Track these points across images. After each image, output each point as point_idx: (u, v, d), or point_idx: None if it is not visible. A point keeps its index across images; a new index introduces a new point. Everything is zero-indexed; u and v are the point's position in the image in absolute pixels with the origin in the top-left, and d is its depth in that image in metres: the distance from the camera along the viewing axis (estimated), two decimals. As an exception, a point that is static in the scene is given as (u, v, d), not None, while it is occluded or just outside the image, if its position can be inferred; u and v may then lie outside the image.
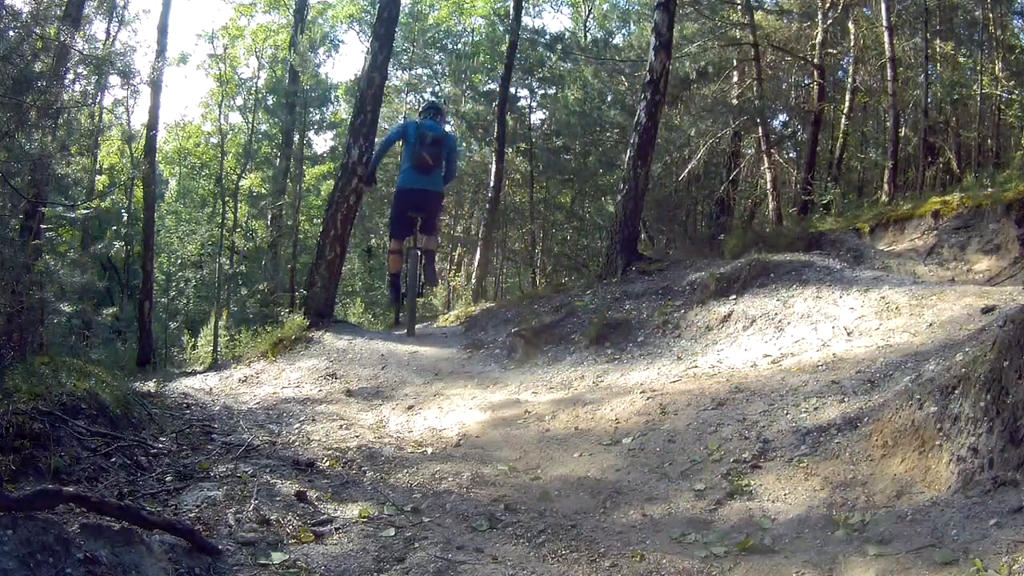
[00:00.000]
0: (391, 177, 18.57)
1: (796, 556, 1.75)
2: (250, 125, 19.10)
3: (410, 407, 3.67)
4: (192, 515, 1.93)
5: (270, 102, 20.13)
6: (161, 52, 11.30)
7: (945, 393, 2.12)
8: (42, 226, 6.25)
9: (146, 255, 11.86)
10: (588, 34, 17.59)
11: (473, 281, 12.65)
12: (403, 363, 4.60)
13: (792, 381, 3.18)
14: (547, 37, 14.09)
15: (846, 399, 2.83)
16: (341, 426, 3.28)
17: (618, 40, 16.91)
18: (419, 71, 19.51)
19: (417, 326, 5.75)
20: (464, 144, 15.74)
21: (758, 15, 12.08)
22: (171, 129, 21.04)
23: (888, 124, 11.68)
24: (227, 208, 18.48)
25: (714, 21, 12.15)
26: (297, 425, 3.37)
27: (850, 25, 12.31)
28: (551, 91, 15.66)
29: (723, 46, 12.38)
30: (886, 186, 10.57)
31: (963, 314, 3.72)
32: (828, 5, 11.61)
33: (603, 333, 4.74)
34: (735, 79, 13.23)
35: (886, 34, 10.61)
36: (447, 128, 8.79)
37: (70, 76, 5.97)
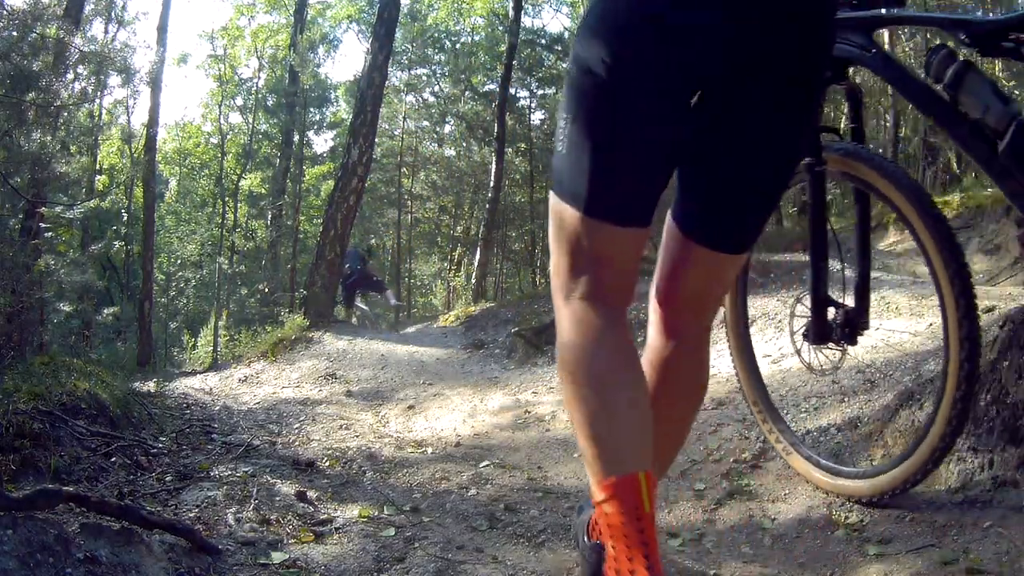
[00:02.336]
0: (391, 177, 18.59)
1: (796, 556, 1.76)
2: (250, 125, 19.09)
3: (410, 407, 3.67)
4: (192, 515, 1.93)
5: (270, 102, 20.12)
6: (161, 51, 11.31)
7: (945, 393, 2.12)
8: (42, 226, 6.26)
9: (146, 255, 11.87)
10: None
11: (473, 281, 12.66)
12: (403, 363, 4.61)
13: (792, 381, 3.18)
14: (546, 37, 14.09)
15: (846, 399, 2.83)
16: (341, 426, 3.28)
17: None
18: (419, 71, 19.51)
19: (418, 326, 5.77)
20: (464, 144, 15.73)
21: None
22: (171, 129, 21.05)
23: (888, 124, 11.68)
24: (227, 208, 18.46)
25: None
26: (297, 425, 3.37)
27: (850, 25, 12.29)
28: (551, 91, 15.67)
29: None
30: (886, 186, 10.57)
31: (963, 314, 3.71)
32: (828, 5, 11.60)
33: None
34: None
35: (886, 34, 10.61)
36: None
37: (70, 75, 5.98)
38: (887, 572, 1.57)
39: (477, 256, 12.79)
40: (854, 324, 1.84)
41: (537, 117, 15.90)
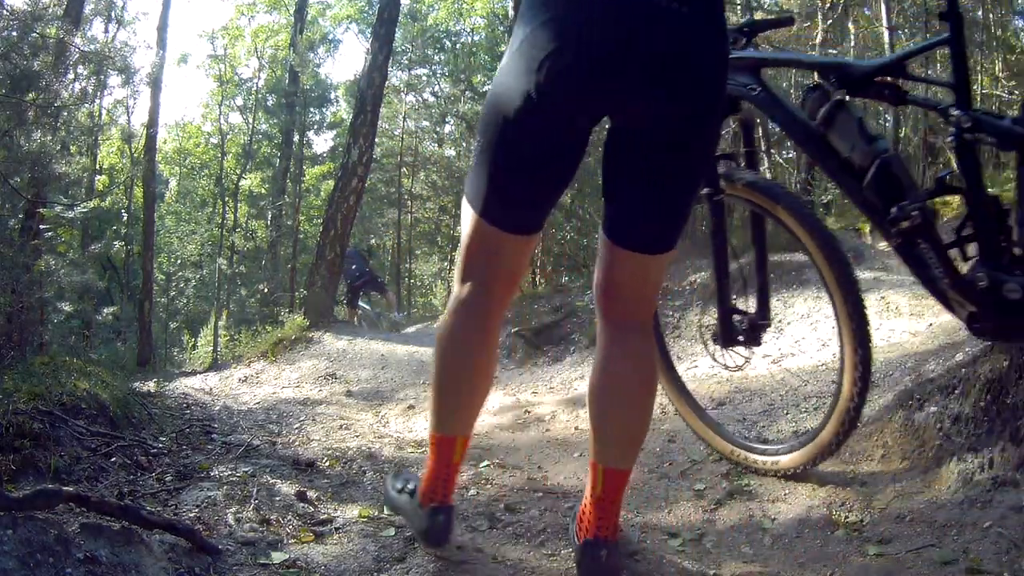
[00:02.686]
0: (391, 177, 18.59)
1: (796, 556, 1.76)
2: (250, 125, 19.08)
3: (410, 407, 3.67)
4: (192, 515, 1.93)
5: (270, 102, 20.12)
6: (161, 51, 11.31)
7: (945, 393, 2.12)
8: (42, 226, 6.26)
9: (146, 255, 11.87)
10: (588, 34, 17.59)
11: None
12: (403, 363, 4.61)
13: (792, 381, 3.18)
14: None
15: (846, 399, 2.83)
16: (341, 426, 3.28)
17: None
18: (419, 71, 19.50)
19: (418, 326, 5.77)
20: (464, 144, 15.72)
21: (758, 15, 12.08)
22: (171, 129, 21.05)
23: (888, 124, 11.68)
24: (227, 208, 18.46)
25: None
26: (297, 425, 3.37)
27: (850, 25, 12.30)
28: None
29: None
30: (886, 186, 10.57)
31: (963, 314, 3.72)
32: (828, 5, 11.60)
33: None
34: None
35: (886, 34, 10.61)
36: None
37: (70, 75, 5.98)
38: (887, 572, 1.57)
39: (477, 256, 12.79)
40: (757, 327, 2.05)
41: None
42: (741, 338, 2.07)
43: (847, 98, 1.63)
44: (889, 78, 1.56)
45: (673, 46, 1.25)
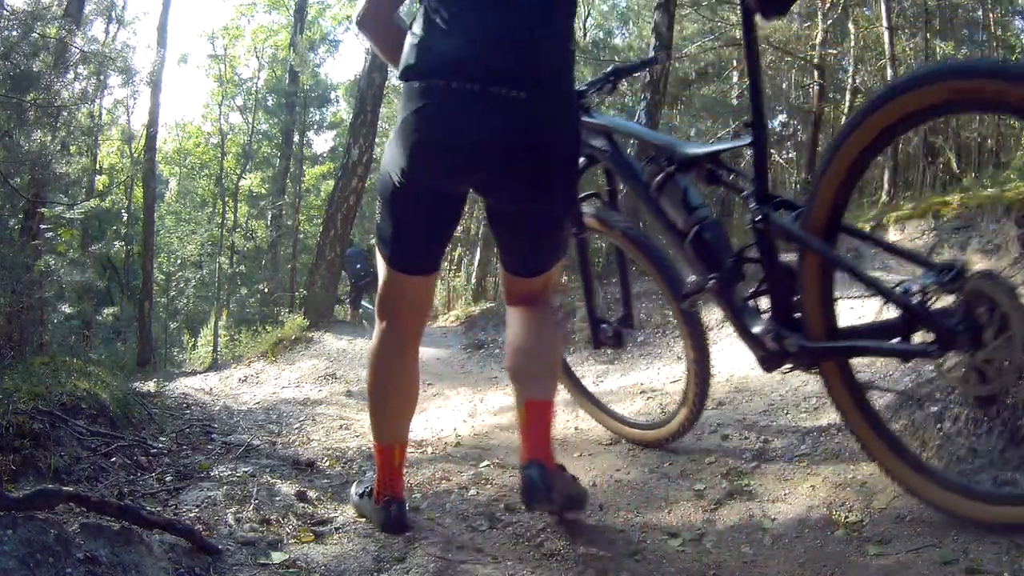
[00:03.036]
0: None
1: (796, 556, 1.76)
2: (250, 125, 19.07)
3: (410, 407, 3.67)
4: (192, 515, 1.93)
5: (270, 102, 20.10)
6: (161, 51, 11.30)
7: (945, 393, 2.12)
8: (42, 226, 6.26)
9: (146, 255, 11.87)
10: (588, 34, 17.56)
11: (473, 281, 12.65)
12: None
13: (792, 381, 3.18)
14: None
15: (846, 399, 2.83)
16: (341, 426, 3.28)
17: (618, 40, 16.90)
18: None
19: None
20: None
21: (758, 15, 12.08)
22: (171, 129, 21.04)
23: (888, 124, 11.67)
24: (227, 208, 18.45)
25: (714, 21, 12.15)
26: (297, 425, 3.37)
27: (850, 25, 12.29)
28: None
29: (723, 46, 12.37)
30: (886, 186, 10.58)
31: (963, 314, 3.71)
32: (828, 5, 11.59)
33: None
34: (735, 79, 13.23)
35: (886, 34, 10.61)
36: None
37: (70, 75, 5.98)
38: (887, 572, 1.57)
39: (477, 256, 12.79)
40: (620, 333, 2.48)
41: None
42: (609, 341, 2.53)
43: (675, 171, 1.94)
44: (707, 164, 1.88)
45: (529, 136, 1.52)
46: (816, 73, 11.94)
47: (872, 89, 12.73)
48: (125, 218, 16.56)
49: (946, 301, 1.41)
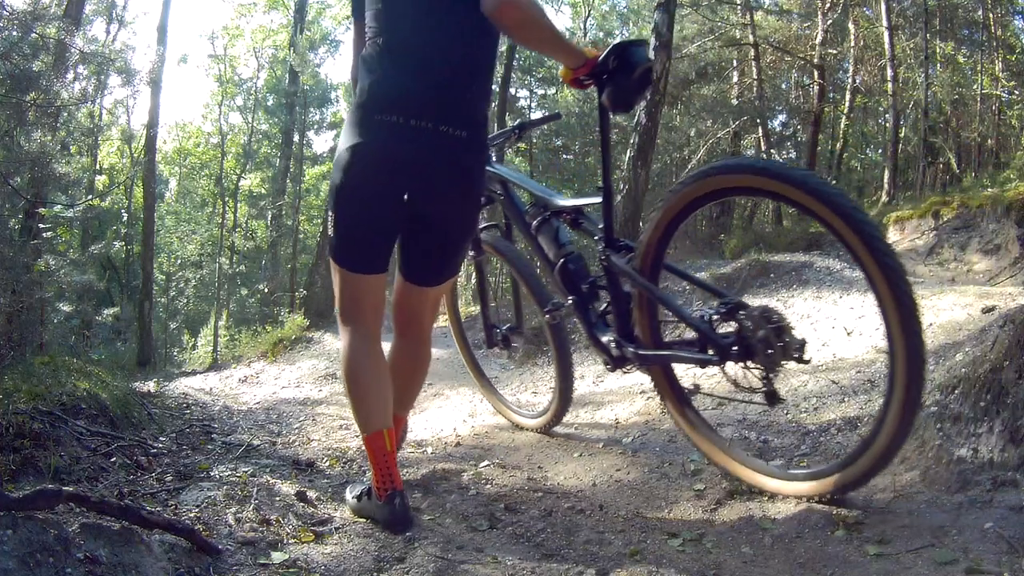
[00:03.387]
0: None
1: (796, 556, 1.75)
2: (250, 125, 19.06)
3: (410, 407, 3.67)
4: (192, 515, 1.93)
5: (270, 102, 20.10)
6: (161, 52, 11.31)
7: (945, 393, 2.12)
8: (41, 226, 6.26)
9: (146, 255, 11.86)
10: (588, 34, 17.56)
11: (473, 281, 12.64)
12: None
13: (792, 381, 3.18)
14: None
15: (846, 399, 2.84)
16: (341, 426, 3.28)
17: (618, 40, 16.89)
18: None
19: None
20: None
21: (758, 15, 12.08)
22: (171, 129, 21.03)
23: (888, 124, 11.67)
24: (227, 208, 18.45)
25: (714, 21, 12.14)
26: (297, 425, 3.37)
27: (850, 25, 12.29)
28: (551, 91, 15.66)
29: (723, 46, 12.37)
30: (886, 186, 10.57)
31: (963, 314, 3.72)
32: (828, 5, 11.59)
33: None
34: (735, 79, 13.22)
35: (886, 34, 10.61)
36: None
37: (70, 75, 5.97)
38: (887, 572, 1.57)
39: (477, 256, 12.78)
40: (508, 338, 2.98)
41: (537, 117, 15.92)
42: (501, 342, 3.00)
43: (549, 216, 2.46)
44: (571, 213, 2.39)
45: (463, 163, 1.91)
46: (816, 73, 11.94)
47: (872, 89, 12.73)
48: (125, 218, 16.55)
49: (728, 326, 1.90)
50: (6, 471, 1.97)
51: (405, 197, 1.91)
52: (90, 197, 10.97)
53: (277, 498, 2.16)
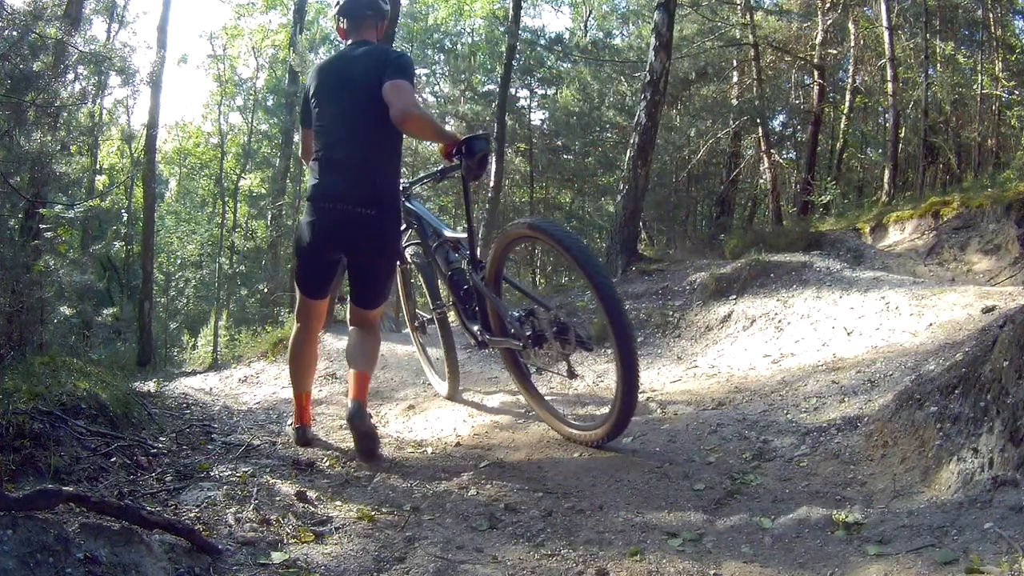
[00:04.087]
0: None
1: (796, 556, 1.75)
2: (250, 125, 19.06)
3: (410, 407, 3.67)
4: (192, 515, 1.93)
5: (270, 102, 20.09)
6: (161, 51, 11.30)
7: (945, 393, 2.12)
8: (41, 226, 6.25)
9: (146, 255, 11.86)
10: (588, 34, 17.55)
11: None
12: (403, 363, 4.60)
13: (792, 381, 3.18)
14: (547, 38, 14.06)
15: (846, 399, 2.84)
16: (341, 426, 3.28)
17: (618, 40, 16.89)
18: (419, 71, 19.46)
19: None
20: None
21: (758, 15, 12.08)
22: (171, 129, 21.02)
23: (888, 124, 11.67)
24: (227, 208, 18.45)
25: (714, 21, 12.14)
26: (297, 425, 3.36)
27: (850, 25, 12.29)
28: (551, 91, 15.65)
29: (723, 46, 12.36)
30: (886, 186, 10.58)
31: (963, 314, 3.72)
32: (828, 5, 11.59)
33: (603, 333, 4.74)
34: (735, 79, 13.22)
35: (886, 34, 10.61)
36: None
37: (70, 75, 5.97)
38: (887, 572, 1.57)
39: (477, 256, 12.76)
40: (424, 326, 3.84)
41: (537, 117, 15.88)
42: (419, 328, 3.92)
43: (442, 242, 3.25)
44: (453, 240, 3.20)
45: (368, 231, 2.72)
46: (816, 73, 11.94)
47: (872, 89, 12.73)
48: (125, 218, 16.54)
49: (534, 322, 2.78)
50: (6, 471, 1.97)
51: (342, 255, 2.85)
52: (91, 198, 10.96)
53: (277, 498, 2.16)
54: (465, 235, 3.15)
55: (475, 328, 3.10)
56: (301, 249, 2.82)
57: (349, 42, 2.89)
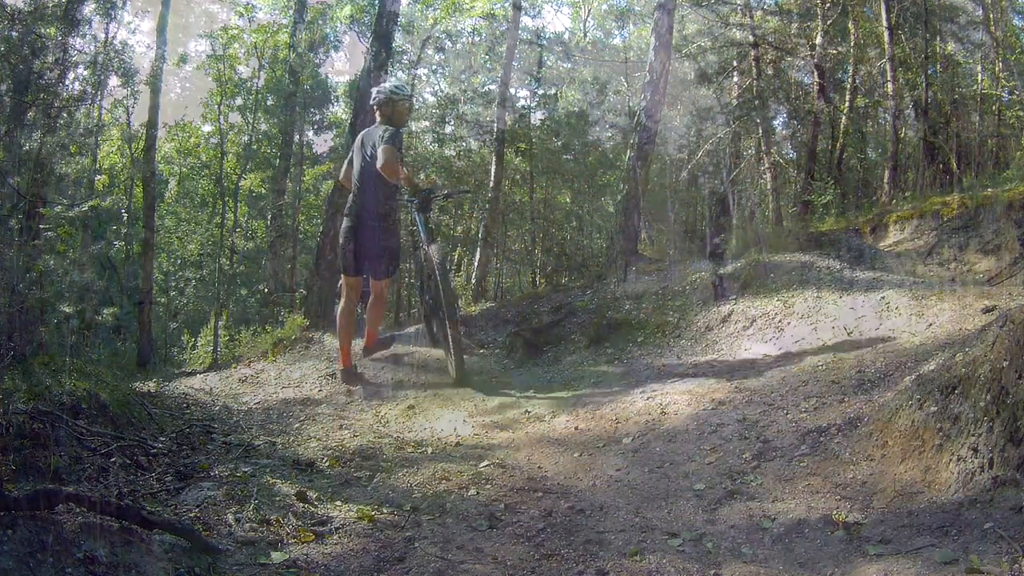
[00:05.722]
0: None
1: (796, 556, 1.75)
2: (250, 125, 19.05)
3: (410, 407, 3.67)
4: (192, 515, 1.93)
5: (270, 102, 20.06)
6: (160, 52, 11.29)
7: (945, 393, 2.12)
8: (41, 226, 6.25)
9: (146, 255, 11.84)
10: (587, 34, 17.55)
11: (473, 281, 12.64)
12: (402, 363, 4.60)
13: (792, 381, 3.18)
14: (546, 38, 14.05)
15: (846, 399, 2.83)
16: (341, 426, 3.28)
17: (617, 40, 16.89)
18: (419, 71, 19.43)
19: (417, 326, 5.77)
20: (464, 144, 15.68)
21: (758, 15, 12.08)
22: (171, 129, 20.99)
23: (888, 124, 11.67)
24: (227, 208, 18.46)
25: (714, 21, 12.14)
26: (297, 425, 3.37)
27: (850, 25, 12.29)
28: (551, 91, 15.63)
29: (723, 46, 12.36)
30: (886, 186, 10.58)
31: (963, 314, 3.72)
32: (828, 5, 11.59)
33: (603, 333, 4.74)
34: (735, 79, 13.22)
35: (886, 34, 10.61)
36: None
37: (70, 75, 5.96)
38: (887, 572, 1.57)
39: (477, 256, 12.76)
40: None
41: (537, 117, 15.85)
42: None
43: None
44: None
45: (374, 232, 4.21)
46: (816, 73, 11.93)
47: (872, 89, 12.72)
48: (125, 218, 16.51)
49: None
50: (6, 471, 1.96)
51: (362, 246, 4.19)
52: (91, 198, 10.95)
53: (277, 498, 2.16)
54: (435, 247, 4.52)
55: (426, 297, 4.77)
56: (342, 243, 4.28)
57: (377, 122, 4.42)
